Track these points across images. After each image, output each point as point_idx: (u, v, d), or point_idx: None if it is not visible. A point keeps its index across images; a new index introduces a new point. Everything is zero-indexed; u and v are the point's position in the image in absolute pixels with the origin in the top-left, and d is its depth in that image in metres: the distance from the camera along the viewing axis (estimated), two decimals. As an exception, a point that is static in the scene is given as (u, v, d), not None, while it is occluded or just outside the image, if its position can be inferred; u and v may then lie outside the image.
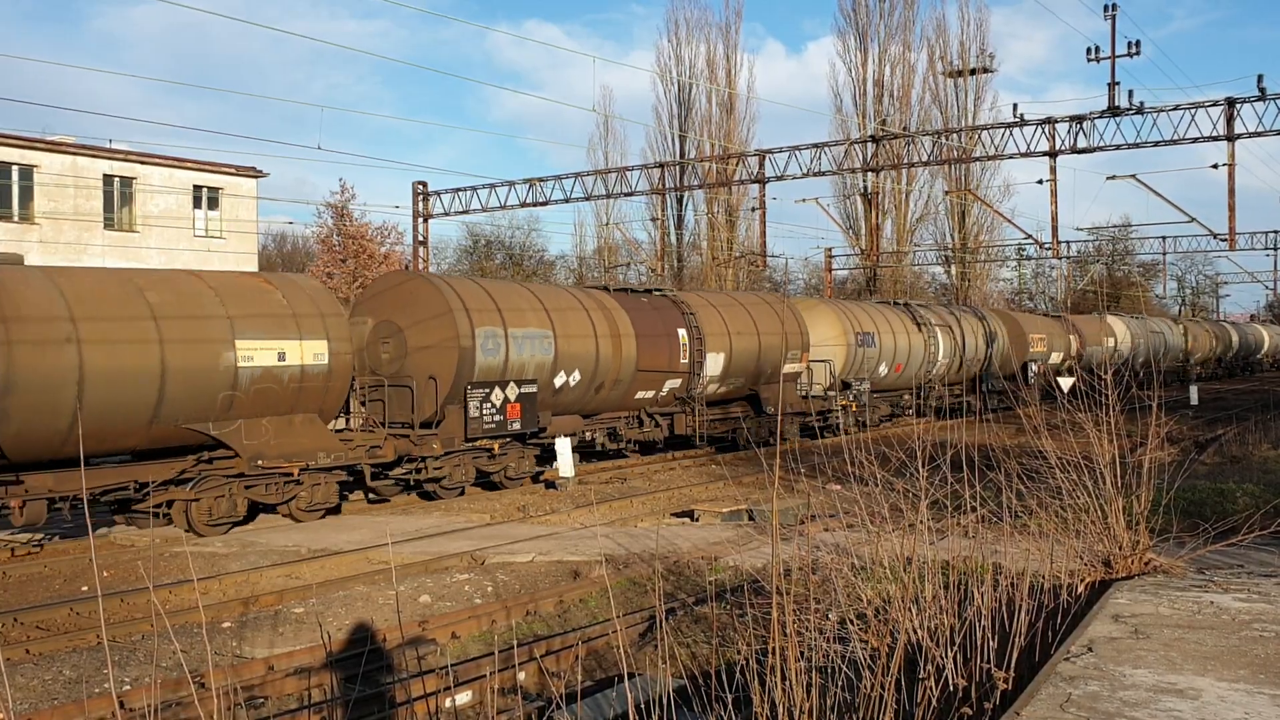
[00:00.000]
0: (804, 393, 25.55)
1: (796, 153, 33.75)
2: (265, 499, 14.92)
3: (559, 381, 18.85)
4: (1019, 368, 35.74)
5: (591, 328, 19.58)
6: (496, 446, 17.92)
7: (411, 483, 17.38)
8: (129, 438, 13.43)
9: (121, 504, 14.32)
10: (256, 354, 14.22)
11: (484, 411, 17.21)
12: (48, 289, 12.82)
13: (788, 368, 24.74)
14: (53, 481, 12.82)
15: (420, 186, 40.83)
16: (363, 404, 17.12)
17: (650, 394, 21.32)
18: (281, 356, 14.48)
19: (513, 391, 17.67)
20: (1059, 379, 28.10)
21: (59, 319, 12.57)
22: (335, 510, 16.05)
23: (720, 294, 26.88)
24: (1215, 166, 28.61)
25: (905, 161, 36.05)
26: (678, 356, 21.60)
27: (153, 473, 13.71)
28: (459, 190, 39.99)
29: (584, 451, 20.95)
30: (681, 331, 21.80)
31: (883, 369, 28.70)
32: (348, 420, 17.12)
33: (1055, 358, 38.94)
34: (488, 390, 17.25)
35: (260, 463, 14.40)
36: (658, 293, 22.93)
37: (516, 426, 17.78)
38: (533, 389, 18.05)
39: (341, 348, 15.31)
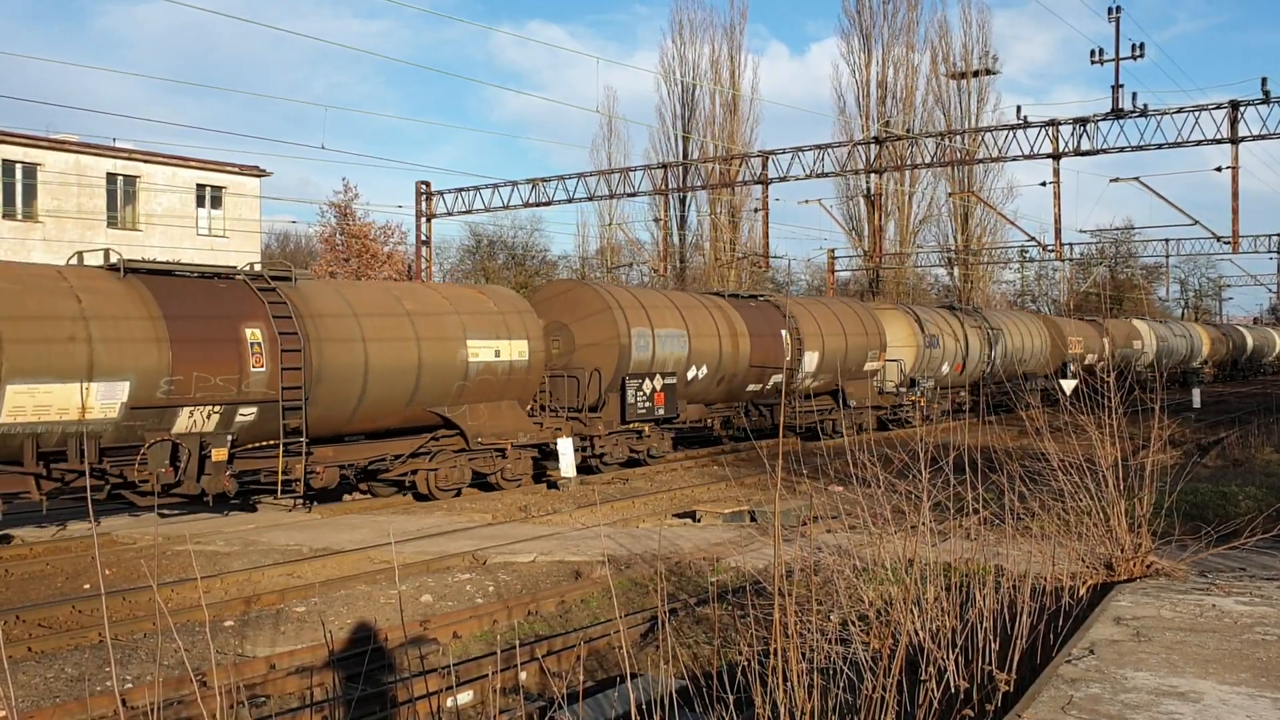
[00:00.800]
0: (880, 389, 28.51)
1: (800, 154, 33.76)
2: (482, 469, 18.03)
3: (690, 374, 22.04)
4: (1058, 367, 38.66)
5: (715, 327, 22.71)
6: (646, 429, 20.99)
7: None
8: (390, 418, 16.57)
9: (368, 473, 17.05)
10: (480, 351, 17.43)
11: (637, 399, 20.35)
12: (337, 298, 15.99)
13: (868, 365, 27.91)
14: (332, 453, 15.65)
15: (423, 186, 40.87)
16: (542, 392, 19.88)
17: (758, 387, 24.29)
18: (497, 353, 17.72)
19: (659, 382, 20.83)
20: (1061, 381, 28.76)
21: (350, 322, 15.60)
22: (537, 478, 18.97)
23: (812, 300, 29.84)
24: (1219, 169, 28.61)
25: (908, 163, 36.05)
26: (781, 354, 24.43)
27: (402, 447, 16.93)
28: (462, 190, 40.03)
29: (700, 439, 24.16)
30: (784, 332, 24.76)
31: (945, 368, 31.50)
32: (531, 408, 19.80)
33: (1090, 358, 42.15)
34: (640, 381, 20.45)
35: (479, 439, 17.57)
36: (762, 298, 25.92)
37: (661, 412, 20.89)
38: (673, 380, 21.24)
39: (537, 346, 18.49)
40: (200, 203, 38.74)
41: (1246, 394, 48.75)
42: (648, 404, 20.47)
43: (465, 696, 7.86)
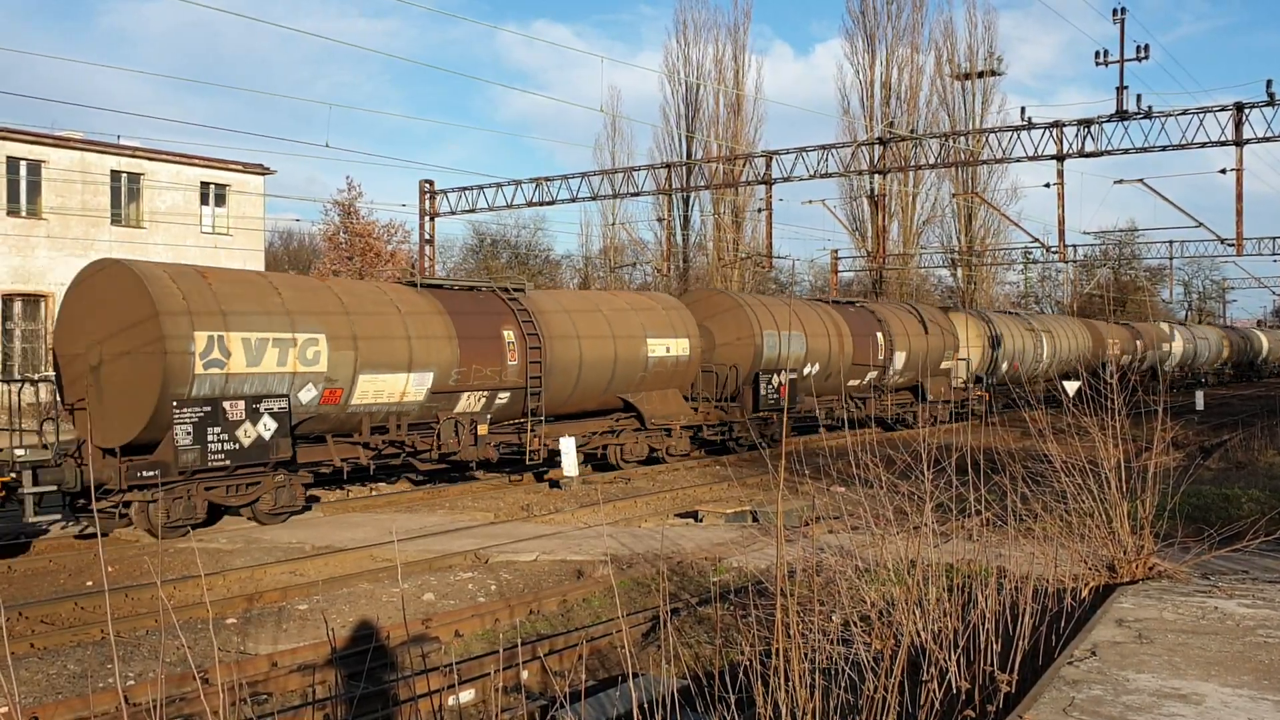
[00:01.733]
0: (952, 384, 31.84)
1: (803, 154, 33.75)
2: (655, 445, 21.41)
3: (806, 370, 25.35)
4: (1099, 365, 41.05)
5: (825, 329, 26.16)
6: (774, 417, 24.05)
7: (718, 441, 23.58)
8: (590, 402, 20.35)
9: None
10: (656, 347, 21.04)
11: (767, 391, 23.67)
12: (556, 303, 19.89)
13: (944, 364, 31.41)
14: (545, 430, 18.75)
15: (427, 185, 40.89)
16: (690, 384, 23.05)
17: (856, 382, 27.72)
18: (667, 349, 21.35)
19: (785, 377, 24.06)
20: (1064, 383, 29.16)
21: (568, 323, 19.42)
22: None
23: (900, 305, 32.96)
24: (1223, 171, 28.60)
25: (912, 164, 36.04)
26: (877, 353, 28.10)
27: (594, 426, 20.63)
28: (465, 189, 40.05)
29: (806, 426, 26.39)
30: (879, 334, 28.28)
31: (1004, 366, 35.25)
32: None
33: (1125, 359, 45.80)
34: (770, 376, 23.81)
35: (653, 420, 21.07)
36: (859, 304, 29.66)
37: (784, 403, 24.11)
38: (794, 375, 24.50)
39: (695, 344, 22.09)
40: (204, 200, 38.77)
41: (1250, 396, 48.71)
42: (775, 395, 23.83)
43: (467, 695, 7.87)
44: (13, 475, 12.39)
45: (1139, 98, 28.49)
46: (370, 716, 7.48)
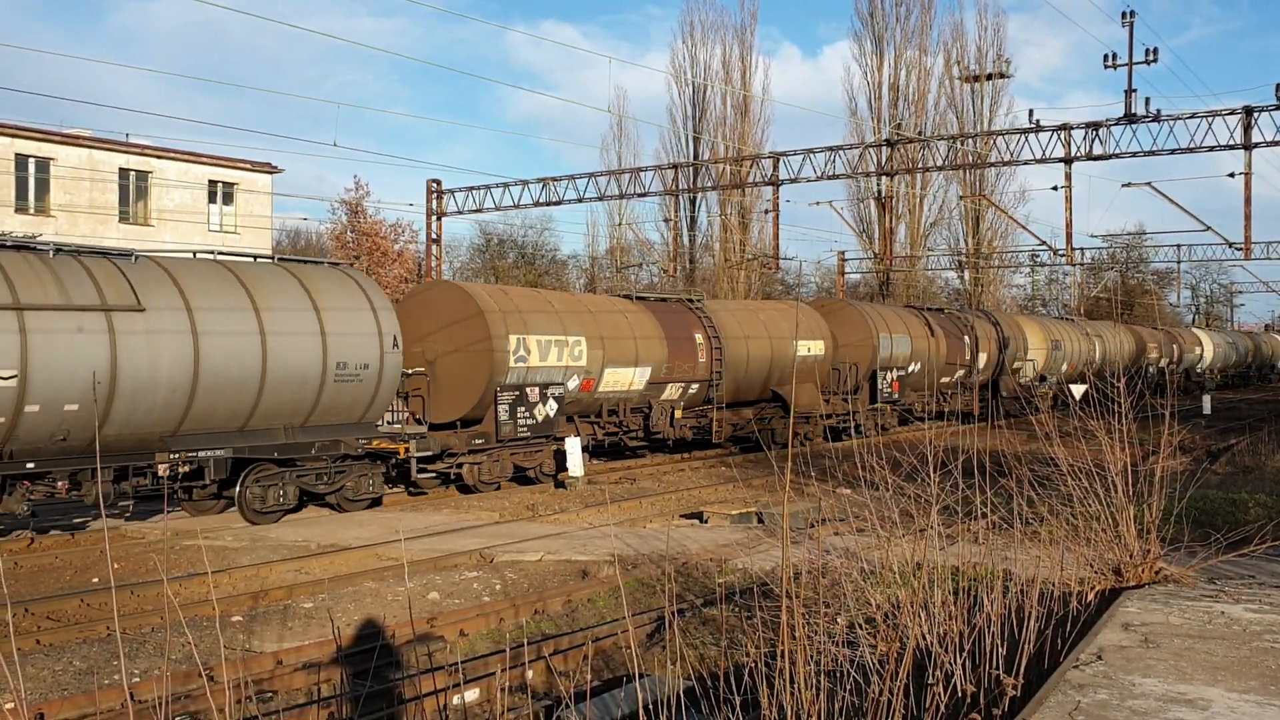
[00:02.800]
0: (1019, 382, 36.05)
1: (811, 155, 33.71)
2: (799, 430, 25.05)
3: (910, 368, 29.38)
4: (1141, 366, 45.36)
5: (925, 331, 30.55)
6: (889, 409, 28.30)
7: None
8: (749, 394, 24.79)
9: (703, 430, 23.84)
10: (800, 348, 25.48)
11: (882, 386, 27.80)
12: (725, 310, 24.99)
13: (1015, 364, 36.12)
14: (721, 415, 23.59)
15: (434, 184, 40.88)
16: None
17: (947, 379, 31.95)
18: (808, 350, 25.84)
19: (895, 374, 28.34)
20: (1071, 386, 30.24)
21: (736, 327, 24.25)
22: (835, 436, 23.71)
23: (980, 311, 38.63)
24: (1232, 175, 28.46)
25: (920, 166, 35.97)
26: (964, 354, 32.80)
27: (747, 415, 24.92)
28: (473, 189, 40.04)
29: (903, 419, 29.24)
30: (966, 337, 33.12)
31: (1064, 366, 39.71)
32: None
33: (1163, 361, 50.99)
34: (885, 373, 27.93)
35: (796, 410, 24.57)
36: (947, 311, 34.17)
37: (897, 397, 28.45)
38: (904, 373, 28.76)
39: (829, 345, 26.61)
40: (212, 199, 38.84)
41: (1258, 400, 48.56)
42: (888, 390, 27.97)
43: (472, 694, 7.87)
44: (405, 445, 16.62)
45: (1148, 101, 28.28)
46: (375, 715, 7.49)
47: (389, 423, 17.20)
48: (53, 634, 9.59)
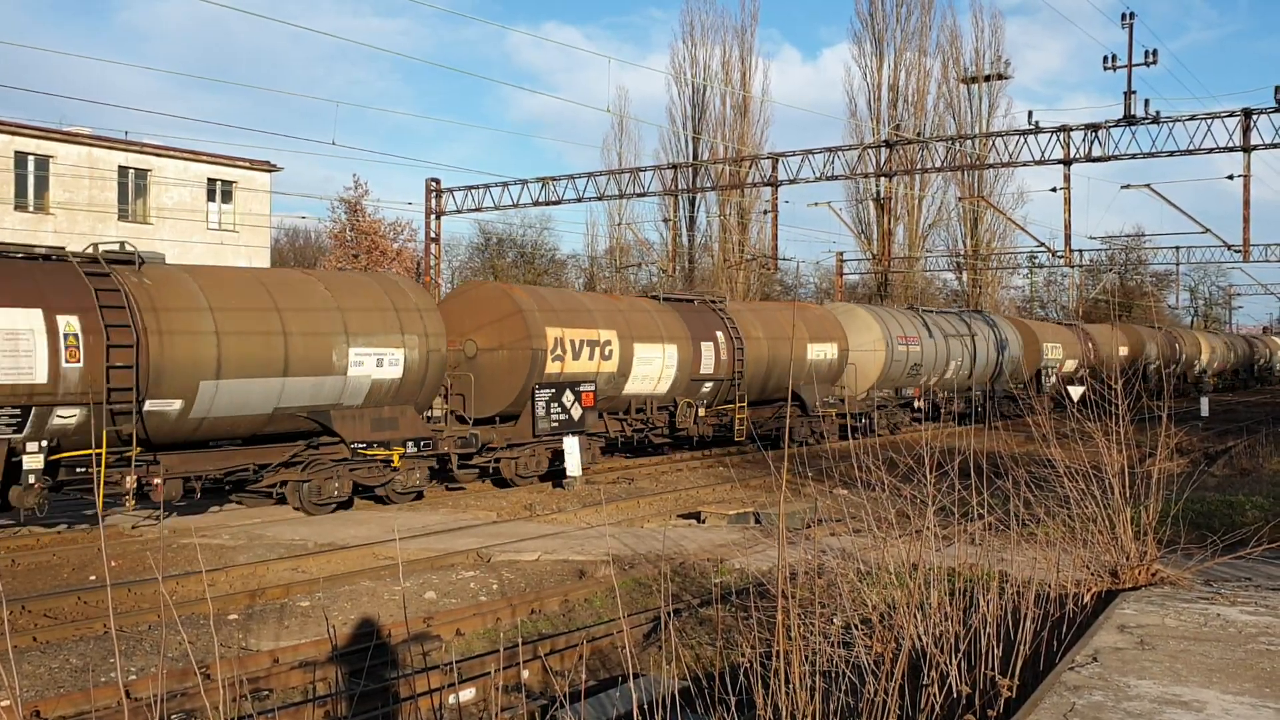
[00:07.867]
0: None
1: (810, 156, 33.71)
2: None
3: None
4: (1167, 364, 49.05)
5: (968, 330, 33.83)
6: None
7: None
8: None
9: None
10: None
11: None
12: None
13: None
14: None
15: (433, 183, 40.87)
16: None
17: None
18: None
19: (906, 374, 30.54)
20: (1069, 387, 30.43)
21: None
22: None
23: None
24: (1230, 177, 28.46)
25: (918, 167, 35.99)
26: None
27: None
28: (472, 188, 40.03)
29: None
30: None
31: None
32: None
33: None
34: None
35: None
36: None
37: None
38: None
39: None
40: (211, 197, 38.82)
41: (1255, 402, 48.58)
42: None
43: (467, 694, 7.87)
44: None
45: (1147, 103, 28.28)
46: (371, 714, 7.49)
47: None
48: (49, 631, 9.59)
